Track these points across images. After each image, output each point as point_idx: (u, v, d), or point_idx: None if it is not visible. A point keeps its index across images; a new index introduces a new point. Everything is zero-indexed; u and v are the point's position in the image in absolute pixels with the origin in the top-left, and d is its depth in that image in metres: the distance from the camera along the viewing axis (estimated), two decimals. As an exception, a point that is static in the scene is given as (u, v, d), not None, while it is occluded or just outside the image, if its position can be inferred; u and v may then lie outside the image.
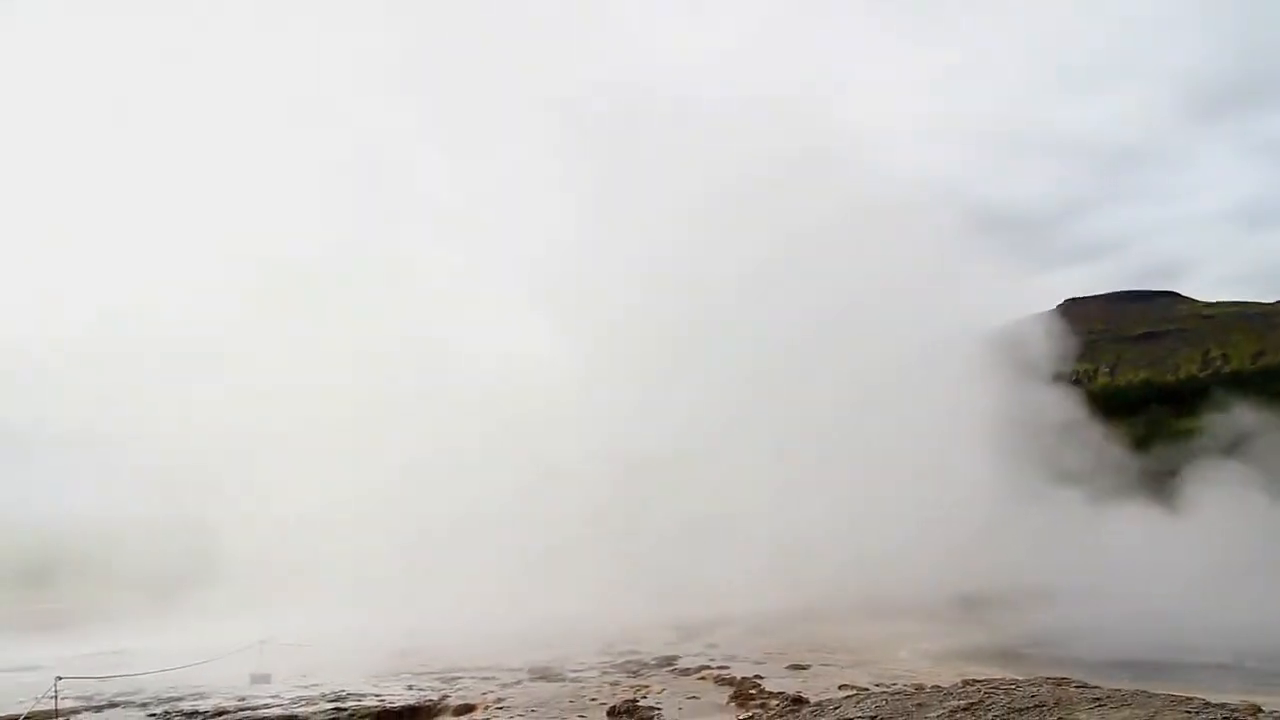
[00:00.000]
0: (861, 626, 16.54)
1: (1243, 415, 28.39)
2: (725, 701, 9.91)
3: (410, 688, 11.80)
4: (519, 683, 11.91)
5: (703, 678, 11.67)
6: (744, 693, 10.10)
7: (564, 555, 20.86)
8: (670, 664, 12.96)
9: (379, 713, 10.30)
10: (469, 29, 30.82)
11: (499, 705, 10.35)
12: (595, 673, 12.42)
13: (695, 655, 13.66)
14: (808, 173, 26.73)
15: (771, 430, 22.68)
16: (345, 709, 10.42)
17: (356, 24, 32.53)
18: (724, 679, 11.27)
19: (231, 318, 25.18)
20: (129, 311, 25.26)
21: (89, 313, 25.63)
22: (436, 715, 10.39)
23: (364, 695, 11.24)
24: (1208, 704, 6.51)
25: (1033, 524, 22.23)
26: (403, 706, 10.58)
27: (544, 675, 12.43)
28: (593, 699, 10.37)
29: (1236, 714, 6.12)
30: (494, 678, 12.38)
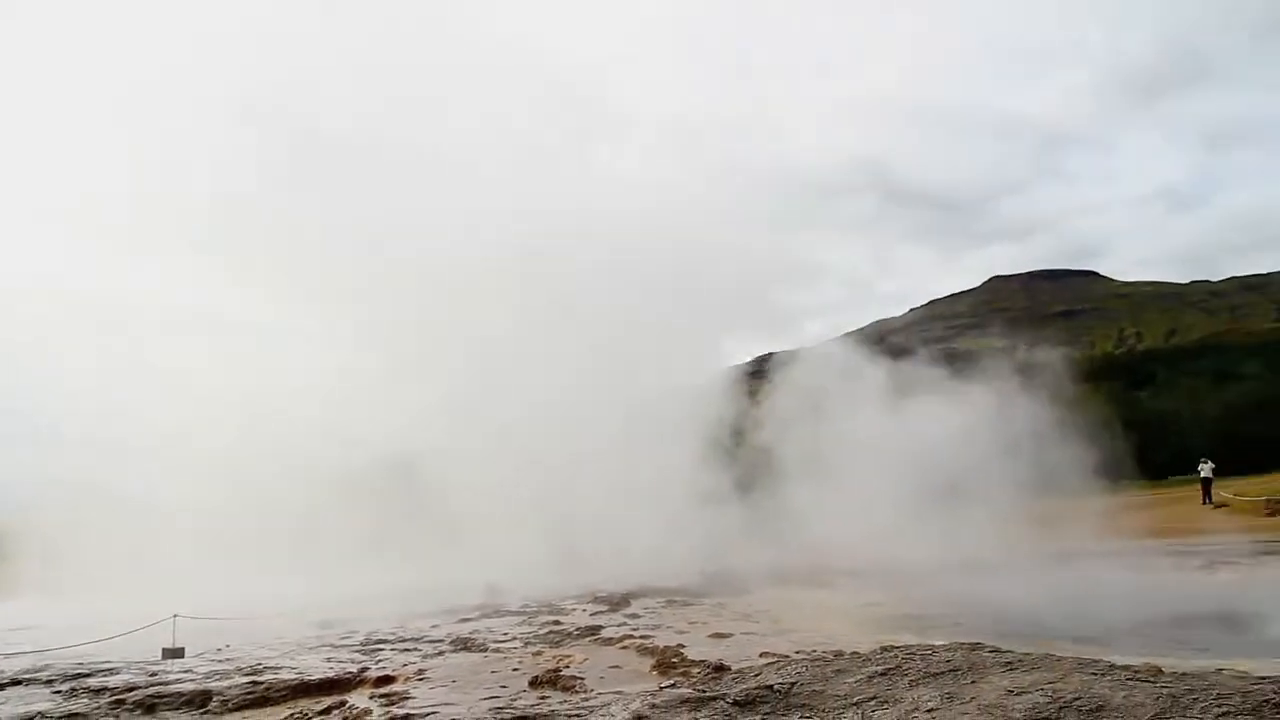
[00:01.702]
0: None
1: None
2: (648, 670, 9.92)
3: (329, 660, 11.64)
4: (441, 654, 11.82)
5: (625, 647, 11.67)
6: (666, 661, 10.12)
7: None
8: (594, 634, 12.96)
9: (296, 686, 10.12)
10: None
11: (420, 677, 10.23)
12: (518, 643, 12.38)
13: (619, 625, 13.68)
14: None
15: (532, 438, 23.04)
16: (261, 682, 10.21)
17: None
18: (647, 648, 11.30)
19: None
20: None
21: None
22: (356, 687, 10.23)
23: (281, 668, 11.05)
24: (1113, 666, 6.71)
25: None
26: (321, 679, 10.41)
27: (466, 646, 12.35)
28: (515, 669, 10.31)
29: (1140, 675, 6.33)
30: (416, 649, 12.28)
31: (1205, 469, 35.02)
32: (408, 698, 8.95)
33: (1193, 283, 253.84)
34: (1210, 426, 65.58)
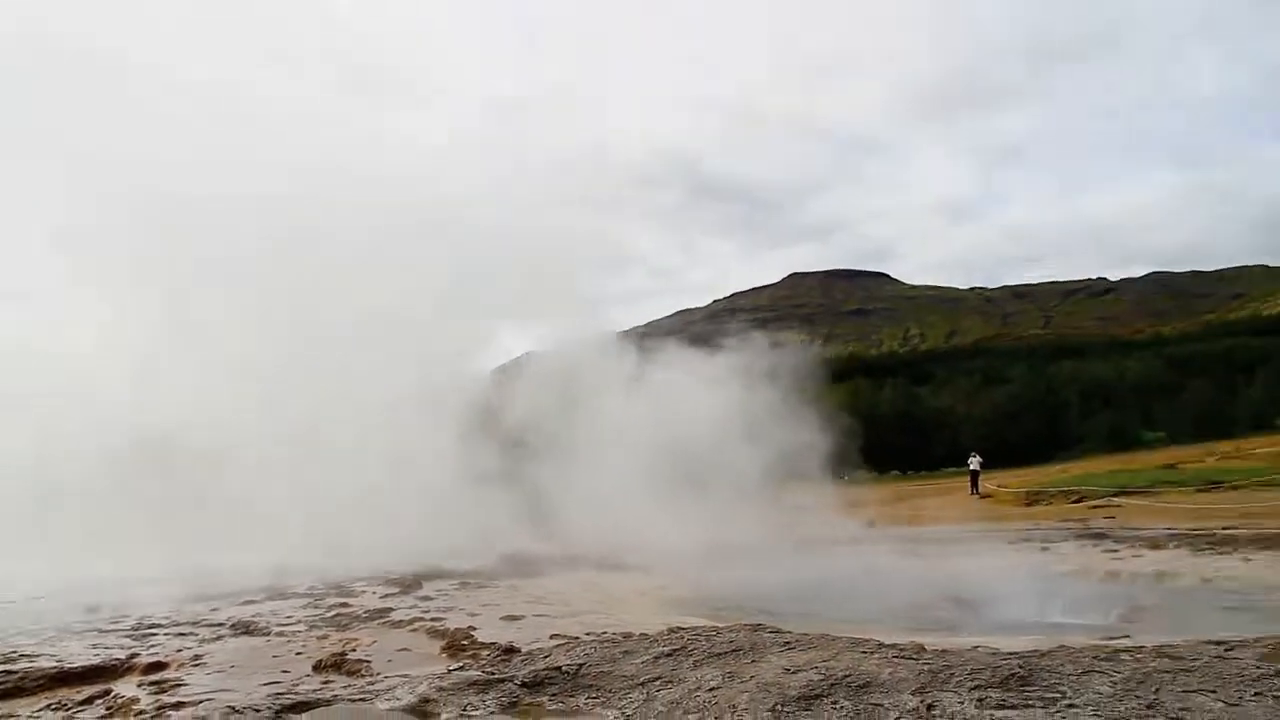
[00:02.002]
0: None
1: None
2: (437, 653, 9.80)
3: (94, 646, 10.93)
4: (219, 639, 11.29)
5: (415, 630, 11.49)
6: (456, 644, 10.03)
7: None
8: (383, 616, 12.68)
9: (55, 674, 9.43)
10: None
11: (195, 663, 9.73)
12: (302, 627, 11.97)
13: (410, 608, 13.46)
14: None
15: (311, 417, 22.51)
16: (15, 671, 9.45)
17: None
18: (438, 631, 11.16)
19: None
20: None
21: None
22: (123, 675, 9.62)
23: (39, 655, 10.29)
24: (882, 644, 7.15)
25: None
26: (85, 666, 9.73)
27: (247, 630, 11.85)
28: (298, 653, 9.98)
29: (905, 652, 6.77)
30: (193, 634, 11.68)
31: (974, 462, 37.55)
32: (180, 685, 8.51)
33: (971, 289, 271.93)
34: (980, 423, 70.56)
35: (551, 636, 10.06)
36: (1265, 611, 11.75)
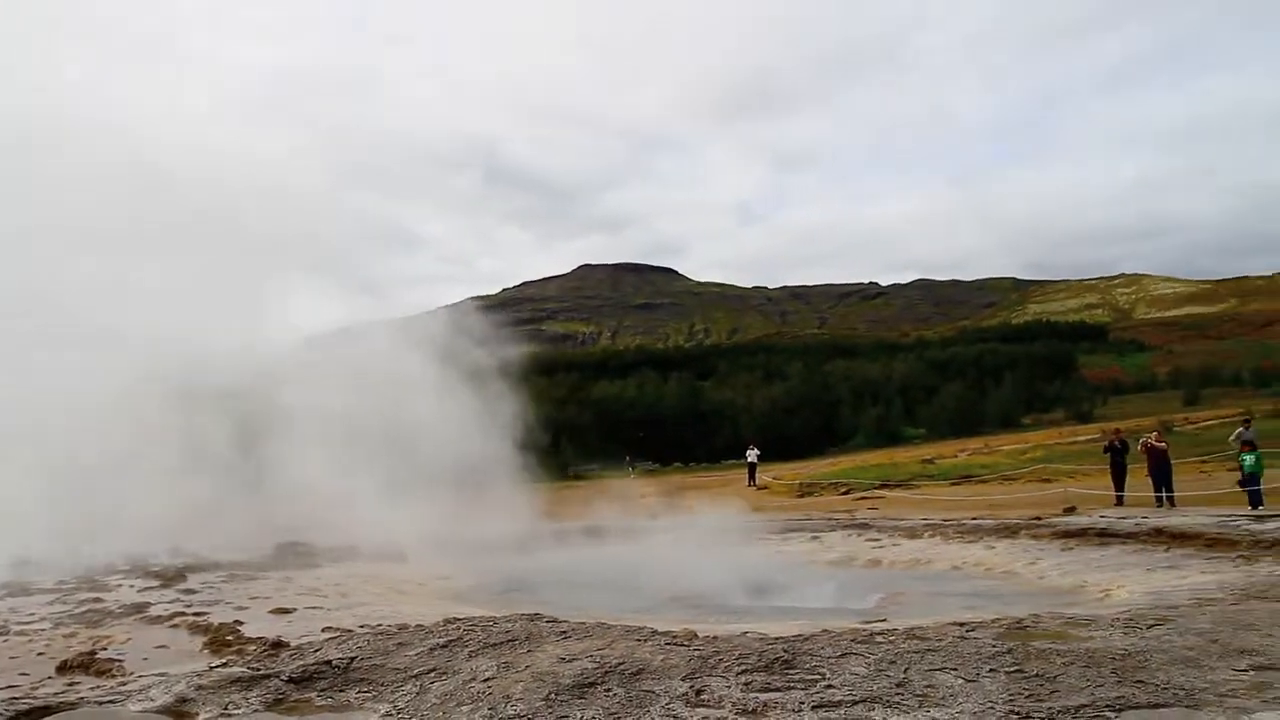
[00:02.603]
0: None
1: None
2: (199, 649, 9.30)
3: None
4: (-55, 639, 10.30)
5: (176, 625, 10.85)
6: (220, 639, 9.54)
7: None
8: (140, 612, 11.90)
9: None
10: None
11: (-89, 666, 8.85)
12: (47, 625, 11.06)
13: (171, 602, 12.70)
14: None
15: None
16: None
17: None
18: (200, 626, 10.58)
19: None
20: None
21: None
22: None
23: None
24: (655, 632, 7.32)
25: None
26: None
27: (-20, 629, 10.87)
28: (41, 653, 9.22)
29: (677, 639, 6.96)
30: (-88, 635, 10.62)
31: (752, 455, 38.90)
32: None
33: (754, 288, 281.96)
34: (759, 417, 73.30)
35: (324, 629, 9.75)
36: (1005, 595, 12.77)
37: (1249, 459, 18.14)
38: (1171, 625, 7.25)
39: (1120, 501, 20.23)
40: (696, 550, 17.83)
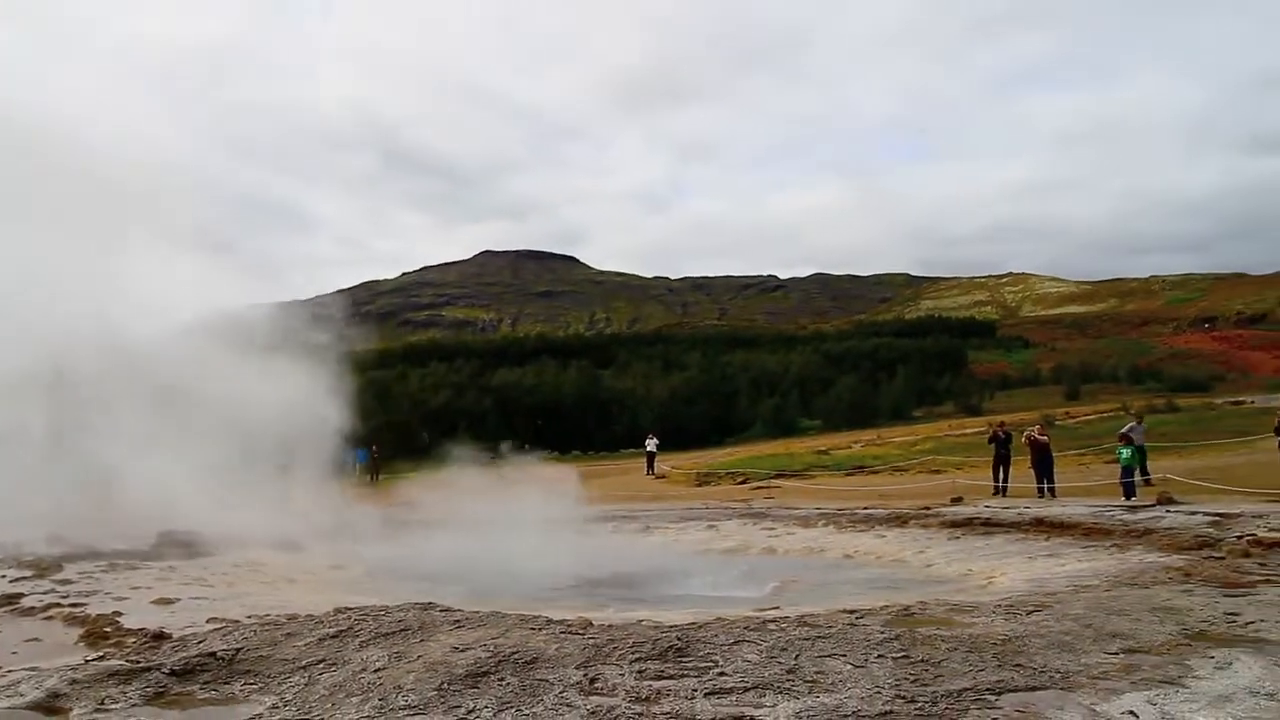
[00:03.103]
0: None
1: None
2: (74, 642, 8.93)
3: None
4: None
5: (50, 617, 10.41)
6: (98, 631, 9.18)
7: None
8: (11, 604, 11.37)
9: None
10: None
11: None
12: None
13: (45, 593, 12.17)
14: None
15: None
16: None
17: None
18: (76, 618, 10.17)
19: None
20: None
21: None
22: None
23: None
24: (550, 621, 7.30)
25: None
26: None
27: None
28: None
29: (573, 628, 6.95)
30: None
31: (651, 444, 39.12)
32: None
33: (655, 277, 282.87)
34: (659, 406, 73.67)
35: (209, 620, 9.45)
36: (894, 583, 13.10)
37: (1125, 452, 18.99)
38: (1049, 611, 7.53)
39: (1000, 492, 20.93)
40: (595, 539, 17.86)
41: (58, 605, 11.13)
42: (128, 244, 22.92)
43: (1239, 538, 11.88)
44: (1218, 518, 13.76)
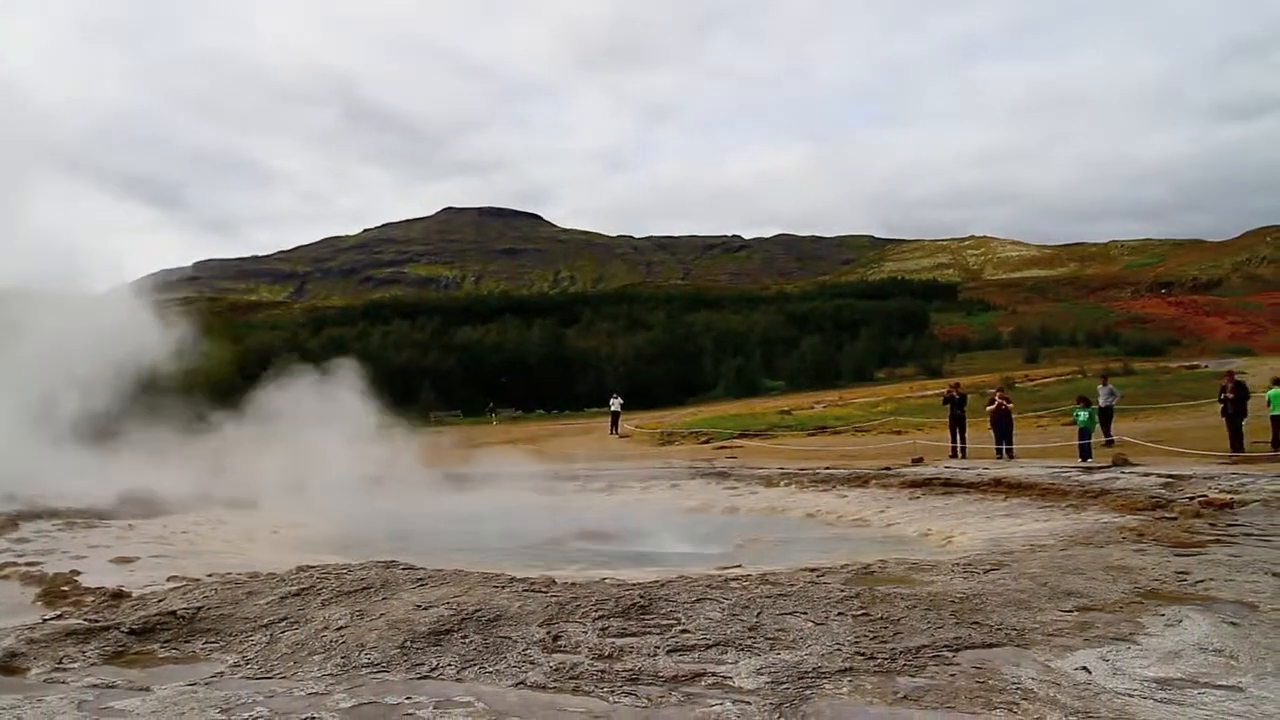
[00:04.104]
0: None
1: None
2: (30, 601, 8.83)
3: None
4: None
5: (6, 576, 10.27)
6: (55, 590, 9.07)
7: None
8: (-36, 564, 11.20)
9: None
10: None
11: None
12: None
13: (0, 552, 12.01)
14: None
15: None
16: None
17: None
18: (33, 577, 10.04)
19: None
20: None
21: None
22: None
23: None
24: (513, 579, 7.32)
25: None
26: None
27: None
28: None
29: (535, 586, 6.97)
30: None
31: (615, 403, 39.15)
32: None
33: (619, 236, 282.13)
34: (622, 366, 73.76)
35: (169, 579, 9.38)
36: (854, 541, 13.26)
37: (1083, 414, 19.29)
38: (1006, 570, 7.66)
39: (958, 454, 21.19)
40: (559, 498, 17.90)
41: (13, 564, 10.97)
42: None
43: (1191, 499, 12.11)
44: (1170, 479, 14.01)
